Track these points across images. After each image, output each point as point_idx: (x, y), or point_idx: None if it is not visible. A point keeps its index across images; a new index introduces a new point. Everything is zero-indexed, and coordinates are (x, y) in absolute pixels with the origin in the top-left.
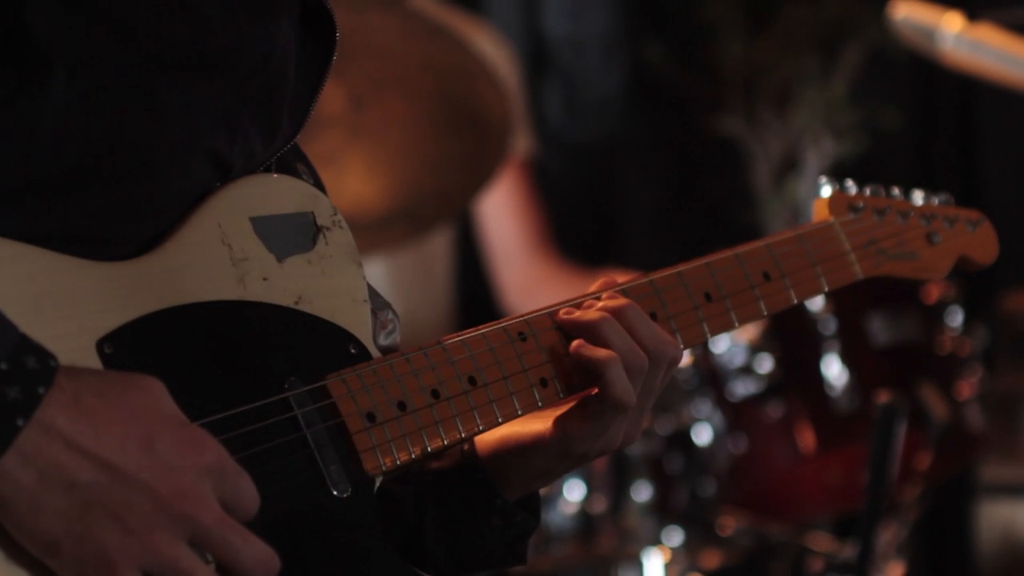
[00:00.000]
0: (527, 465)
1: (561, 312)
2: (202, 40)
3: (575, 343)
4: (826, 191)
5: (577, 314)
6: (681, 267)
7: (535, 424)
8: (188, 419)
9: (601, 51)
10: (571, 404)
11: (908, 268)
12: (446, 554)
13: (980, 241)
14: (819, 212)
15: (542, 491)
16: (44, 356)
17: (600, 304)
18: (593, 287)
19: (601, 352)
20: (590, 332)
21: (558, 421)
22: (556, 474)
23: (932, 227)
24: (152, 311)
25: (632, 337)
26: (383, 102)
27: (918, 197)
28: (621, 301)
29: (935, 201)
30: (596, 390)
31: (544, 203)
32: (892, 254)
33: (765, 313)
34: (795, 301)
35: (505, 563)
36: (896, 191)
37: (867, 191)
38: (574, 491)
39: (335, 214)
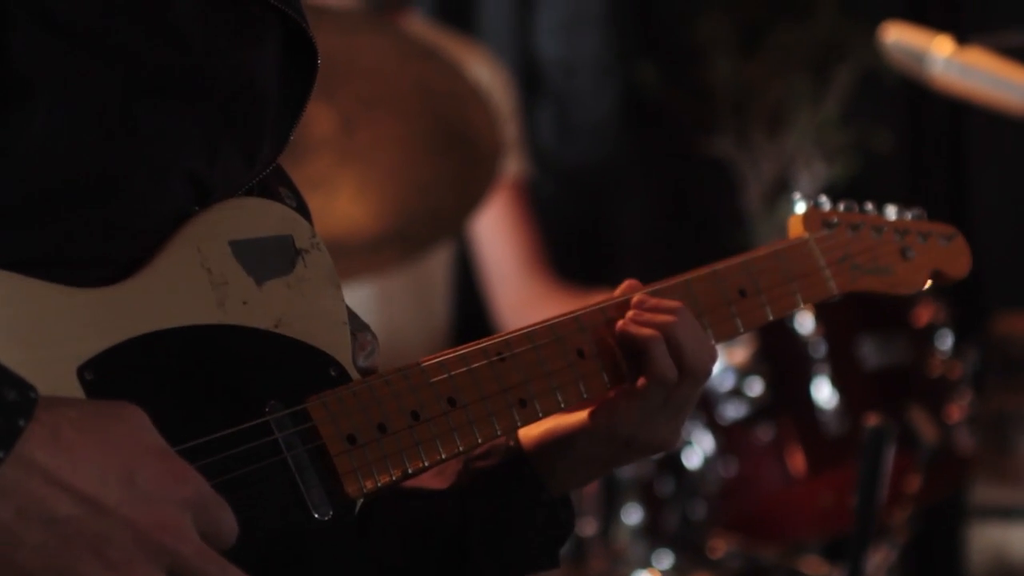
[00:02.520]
0: (574, 453)
1: (630, 315)
2: (184, 64)
3: (621, 322)
4: (800, 207)
5: (647, 316)
6: (658, 286)
7: (579, 413)
8: (170, 446)
9: (593, 73)
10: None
11: (883, 283)
12: (487, 555)
13: (954, 255)
14: (794, 228)
15: None
16: (24, 388)
17: (666, 306)
18: (619, 291)
19: (646, 330)
20: (669, 333)
21: (603, 406)
22: (603, 462)
23: (906, 242)
24: (132, 336)
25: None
26: (374, 124)
27: (891, 212)
28: (678, 303)
29: (908, 216)
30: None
31: (538, 223)
32: (866, 269)
33: (742, 330)
34: (771, 318)
35: (541, 565)
36: (869, 206)
37: (840, 207)
38: None
39: (313, 236)
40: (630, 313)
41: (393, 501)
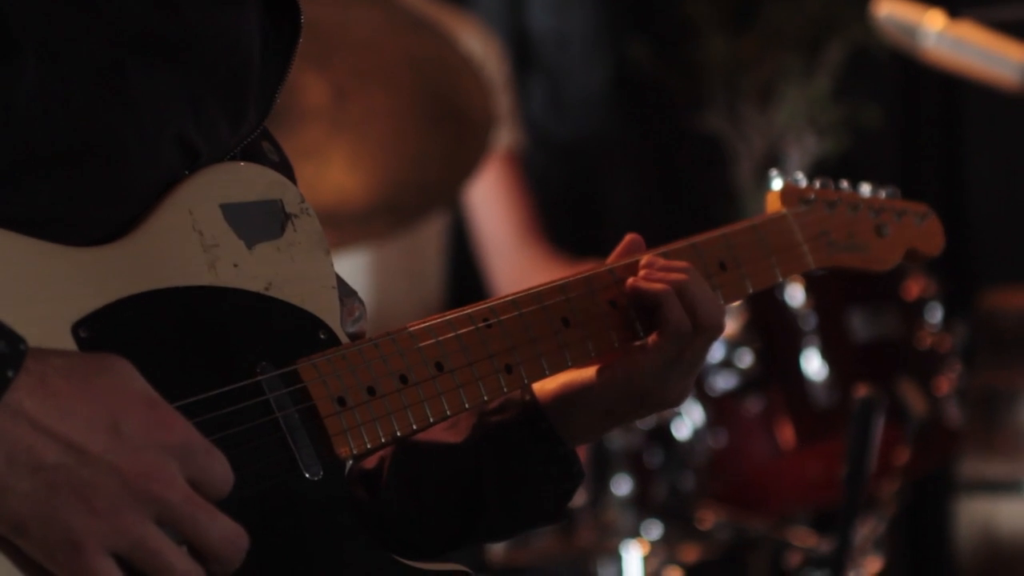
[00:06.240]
0: (590, 406)
1: (642, 274)
2: (170, 23)
3: (632, 279)
4: (777, 184)
5: (659, 273)
6: (640, 256)
7: (596, 367)
8: (159, 395)
9: (584, 48)
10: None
11: (858, 259)
12: (501, 508)
13: (927, 234)
14: (771, 204)
15: None
16: (13, 339)
17: (676, 265)
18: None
19: (658, 285)
20: (681, 290)
21: (620, 360)
22: (617, 416)
23: (881, 219)
24: (126, 296)
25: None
26: (366, 95)
27: (866, 190)
28: (686, 263)
29: (882, 194)
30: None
31: (532, 193)
32: (842, 246)
33: (723, 303)
34: (751, 291)
35: (553, 518)
36: (844, 184)
37: (817, 184)
38: None
39: (302, 201)
40: (642, 272)
41: (407, 455)
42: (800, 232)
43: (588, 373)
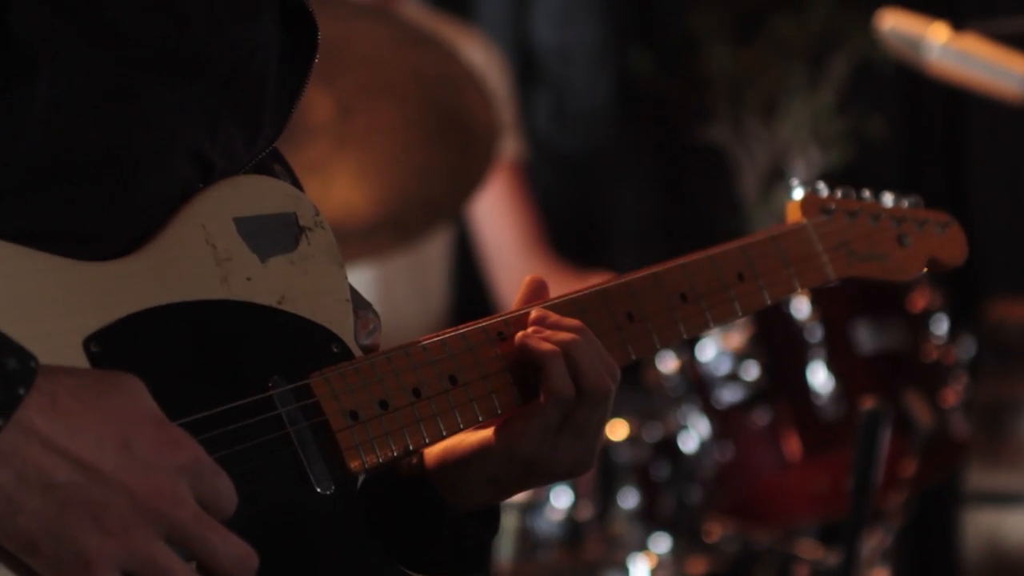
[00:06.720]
0: (473, 473)
1: (531, 331)
2: (183, 41)
3: (521, 334)
4: (798, 193)
5: (547, 332)
6: (657, 268)
7: (481, 431)
8: (169, 418)
9: (589, 61)
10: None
11: (879, 269)
12: (401, 559)
13: (949, 243)
14: (792, 214)
15: (529, 497)
16: (24, 356)
17: (567, 324)
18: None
19: (545, 345)
20: (568, 351)
21: (502, 426)
22: (506, 484)
23: (902, 229)
24: (138, 310)
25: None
26: (371, 110)
27: (888, 200)
28: (578, 322)
29: (905, 204)
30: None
31: (537, 204)
32: (863, 256)
33: (740, 314)
34: (769, 302)
35: (462, 572)
36: (867, 193)
37: (838, 193)
38: (561, 498)
39: (317, 215)
40: (530, 329)
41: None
42: (820, 242)
43: (471, 439)
